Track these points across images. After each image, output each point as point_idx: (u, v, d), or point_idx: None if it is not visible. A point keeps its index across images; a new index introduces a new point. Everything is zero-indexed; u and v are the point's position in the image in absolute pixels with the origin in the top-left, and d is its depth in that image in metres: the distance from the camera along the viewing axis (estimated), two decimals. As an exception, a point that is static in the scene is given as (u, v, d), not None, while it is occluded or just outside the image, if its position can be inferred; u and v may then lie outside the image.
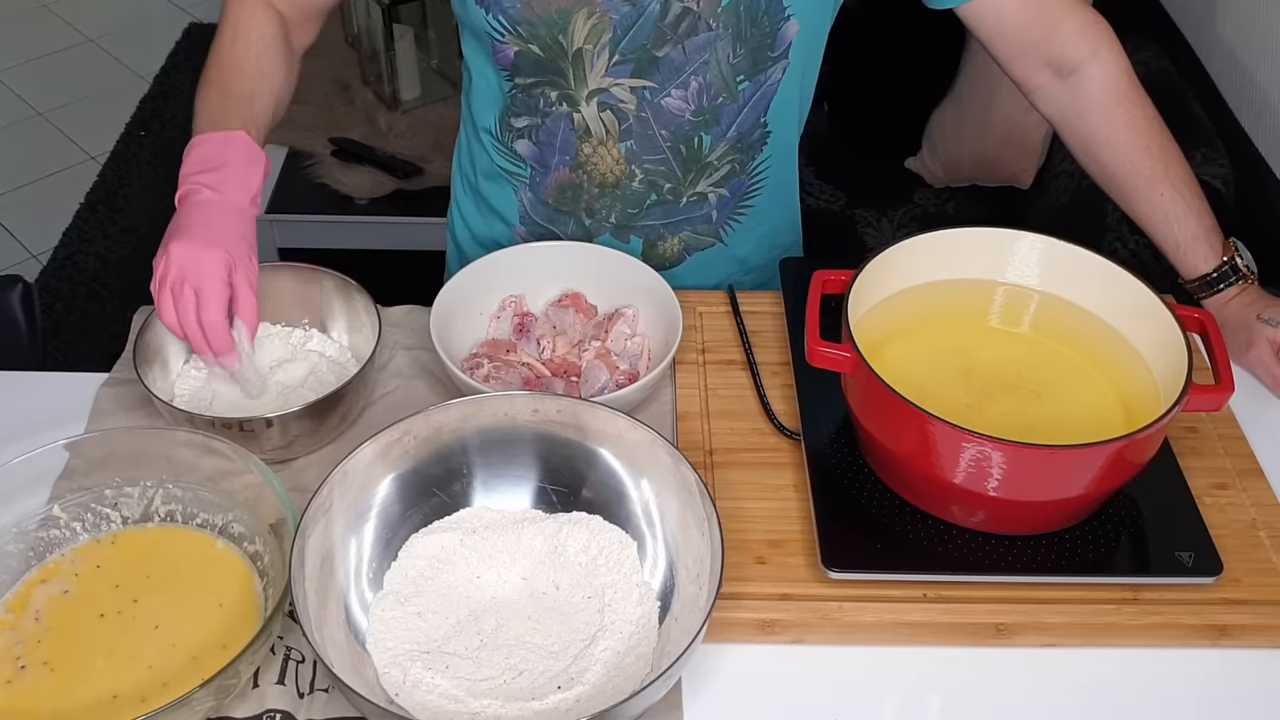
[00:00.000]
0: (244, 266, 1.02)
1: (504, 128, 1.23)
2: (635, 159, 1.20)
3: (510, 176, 1.27)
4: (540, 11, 1.10)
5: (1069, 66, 1.17)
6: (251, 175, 1.06)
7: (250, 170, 1.06)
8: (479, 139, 1.27)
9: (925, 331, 1.07)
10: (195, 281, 0.99)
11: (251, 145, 1.07)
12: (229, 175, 1.04)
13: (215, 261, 0.99)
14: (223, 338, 1.01)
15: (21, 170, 3.04)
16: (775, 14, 1.11)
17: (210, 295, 0.99)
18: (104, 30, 3.59)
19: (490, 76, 1.20)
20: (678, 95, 1.15)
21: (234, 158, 1.05)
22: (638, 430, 0.93)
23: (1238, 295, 1.16)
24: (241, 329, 1.02)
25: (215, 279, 0.99)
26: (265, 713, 0.87)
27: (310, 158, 2.42)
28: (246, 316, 1.02)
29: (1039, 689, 0.91)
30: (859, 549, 0.95)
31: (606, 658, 0.87)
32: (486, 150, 1.27)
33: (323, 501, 0.88)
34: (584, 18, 1.10)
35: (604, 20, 1.10)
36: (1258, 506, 1.02)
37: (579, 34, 1.11)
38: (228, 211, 1.03)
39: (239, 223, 1.03)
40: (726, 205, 1.26)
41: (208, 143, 1.06)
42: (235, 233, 1.02)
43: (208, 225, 1.02)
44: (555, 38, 1.11)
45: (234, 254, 1.01)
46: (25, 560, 0.94)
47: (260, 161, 1.07)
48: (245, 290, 1.02)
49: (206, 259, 0.99)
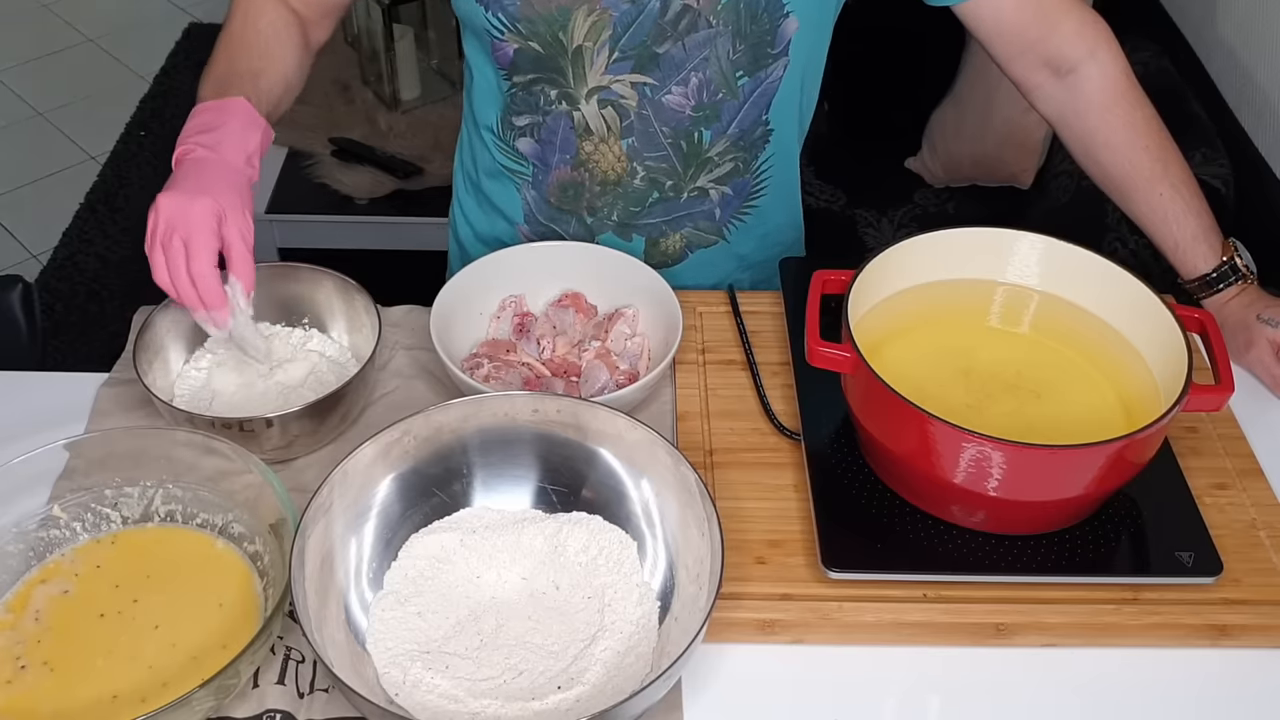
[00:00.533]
0: (236, 218, 0.98)
1: (506, 126, 1.23)
2: (637, 156, 1.20)
3: (513, 175, 1.27)
4: (540, 9, 1.10)
5: (1067, 66, 1.18)
6: (249, 136, 1.04)
7: (248, 132, 1.04)
8: (480, 137, 1.27)
9: (925, 331, 1.07)
10: (184, 232, 0.96)
11: (250, 111, 1.05)
12: (224, 135, 1.02)
13: (203, 209, 0.96)
14: (214, 291, 0.97)
15: (21, 170, 3.04)
16: (775, 11, 1.11)
17: (200, 246, 0.96)
18: (104, 30, 3.59)
19: (490, 75, 1.20)
20: (678, 92, 1.15)
21: (231, 121, 1.03)
22: (638, 430, 0.93)
23: (1237, 295, 1.16)
24: (236, 285, 0.99)
25: (204, 228, 0.96)
26: (265, 713, 0.87)
27: (310, 158, 2.42)
28: (240, 270, 0.99)
29: (1039, 689, 0.91)
30: (859, 549, 0.95)
31: (606, 658, 0.87)
32: (489, 149, 1.27)
33: (323, 501, 0.88)
34: (584, 15, 1.10)
35: (604, 18, 1.10)
36: (1258, 506, 1.02)
37: (579, 31, 1.11)
38: (220, 167, 1.01)
39: (232, 176, 1.01)
40: (730, 204, 1.26)
41: (207, 110, 1.05)
42: (227, 184, 0.99)
43: (198, 177, 0.99)
44: (555, 35, 1.11)
45: (224, 203, 0.98)
46: (25, 560, 0.94)
47: (259, 127, 1.05)
48: (238, 243, 0.98)
49: (194, 207, 0.96)
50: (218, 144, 1.01)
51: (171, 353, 1.10)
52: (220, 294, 0.98)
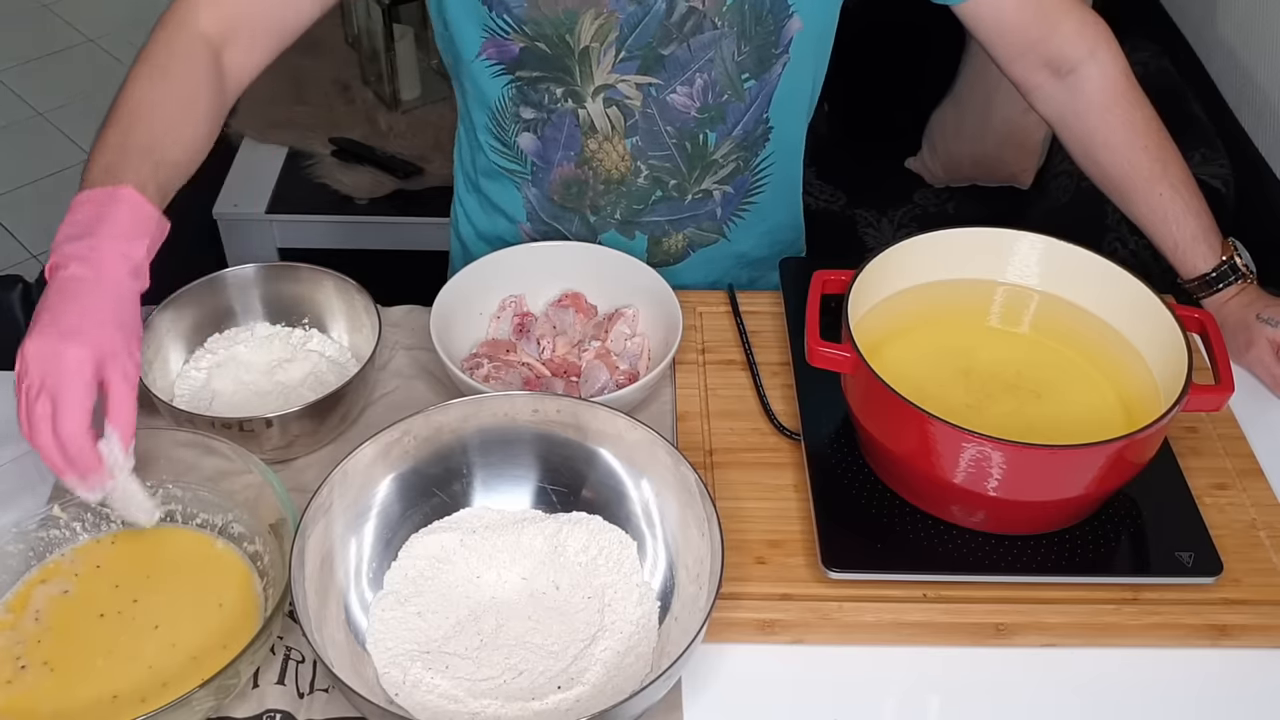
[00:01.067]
0: (118, 360, 0.85)
1: (506, 123, 1.22)
2: (640, 155, 1.20)
3: (511, 174, 1.27)
4: (547, 12, 1.09)
5: (1067, 66, 1.18)
6: (135, 243, 0.89)
7: (134, 237, 0.89)
8: (476, 139, 1.27)
9: (925, 331, 1.07)
10: (53, 386, 0.82)
11: (139, 204, 0.90)
12: (104, 243, 0.88)
13: (76, 360, 0.83)
14: (86, 454, 0.84)
15: (21, 170, 3.04)
16: (779, 11, 1.11)
17: (69, 404, 0.82)
18: (104, 30, 3.59)
19: (484, 75, 1.19)
20: (683, 92, 1.15)
21: (114, 221, 0.89)
22: (638, 430, 0.93)
23: (1237, 295, 1.16)
24: (113, 437, 0.85)
25: (76, 382, 0.82)
26: (265, 713, 0.87)
27: (310, 158, 2.42)
28: (119, 420, 0.85)
29: (1039, 689, 0.91)
30: (859, 549, 0.95)
31: (606, 658, 0.87)
32: (484, 150, 1.27)
33: (323, 501, 0.88)
34: (591, 18, 1.10)
35: (610, 20, 1.10)
36: (1258, 506, 1.02)
37: (586, 33, 1.11)
38: (98, 292, 0.86)
39: (112, 305, 0.86)
40: (730, 202, 1.27)
41: (87, 203, 0.90)
42: (106, 319, 0.85)
43: (71, 312, 0.85)
44: (562, 36, 1.11)
45: (102, 345, 0.84)
46: (25, 560, 0.94)
47: (149, 223, 0.91)
48: (121, 387, 0.85)
49: (65, 357, 0.83)
50: (96, 258, 0.87)
51: (171, 353, 1.10)
52: (93, 457, 0.84)
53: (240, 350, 1.12)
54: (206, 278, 1.12)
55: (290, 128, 2.45)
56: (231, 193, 2.32)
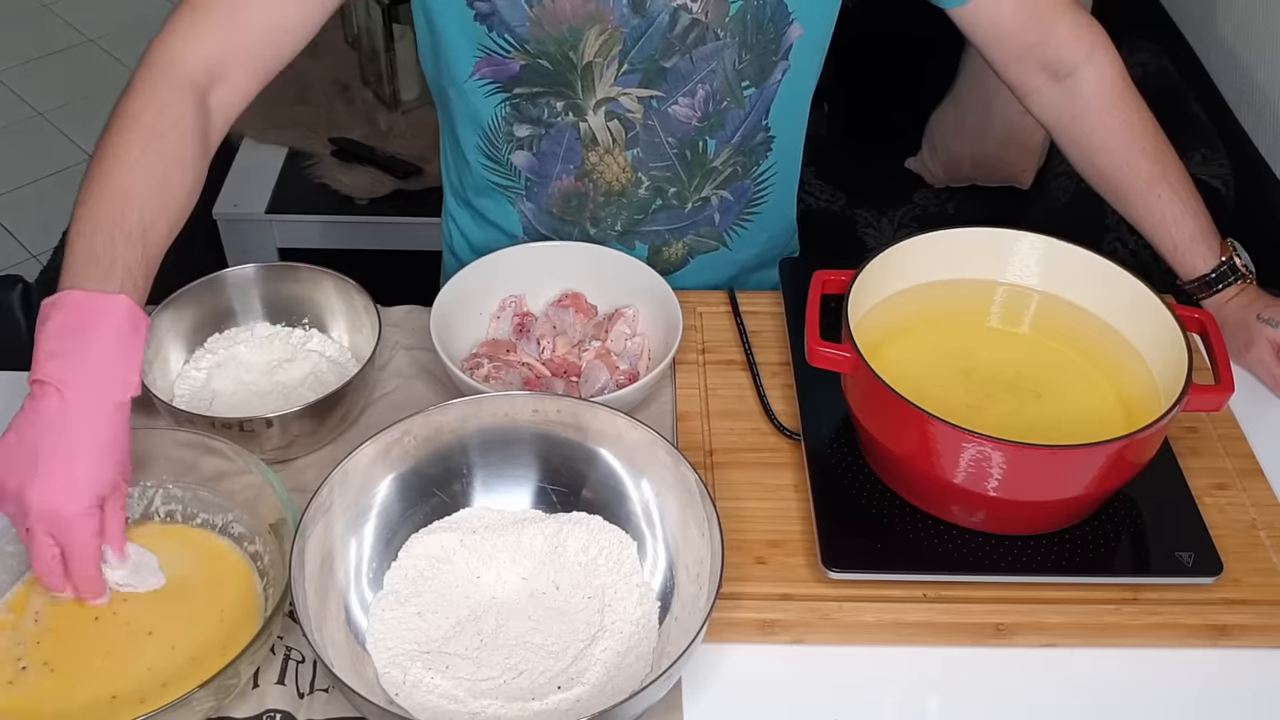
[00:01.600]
0: (115, 497, 0.85)
1: (499, 142, 1.20)
2: (641, 166, 1.19)
3: (505, 190, 1.25)
4: (551, 30, 1.08)
5: (1064, 69, 1.18)
6: (130, 358, 0.85)
7: (129, 350, 0.85)
8: (465, 157, 1.25)
9: (925, 331, 1.07)
10: (63, 539, 0.83)
11: (134, 313, 0.86)
12: (98, 364, 0.84)
13: (82, 516, 0.82)
14: (95, 587, 0.87)
15: (21, 170, 3.04)
16: (780, 19, 1.10)
17: (81, 556, 0.84)
18: (104, 30, 3.59)
19: (475, 94, 1.16)
20: (684, 103, 1.14)
21: (108, 334, 0.84)
22: (638, 430, 0.93)
23: (1236, 295, 1.16)
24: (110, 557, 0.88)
25: (86, 537, 0.83)
26: (265, 713, 0.87)
27: (310, 158, 2.42)
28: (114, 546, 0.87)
29: (1039, 689, 0.91)
30: (859, 549, 0.95)
31: (606, 658, 0.87)
32: (475, 168, 1.25)
33: (323, 501, 0.88)
34: (595, 34, 1.08)
35: (614, 35, 1.09)
36: (1258, 506, 1.02)
37: (590, 49, 1.10)
38: (95, 421, 0.83)
39: (107, 435, 0.84)
40: (730, 210, 1.26)
41: (75, 310, 0.85)
42: (105, 457, 0.83)
43: (71, 454, 0.82)
44: (565, 53, 1.10)
45: (103, 487, 0.83)
46: (25, 560, 0.93)
47: (142, 330, 0.88)
48: (114, 519, 0.86)
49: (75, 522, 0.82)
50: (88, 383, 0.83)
51: (171, 353, 1.10)
52: (102, 586, 0.88)
53: (240, 350, 1.12)
54: (206, 278, 1.12)
55: (290, 128, 2.45)
56: (231, 193, 2.32)
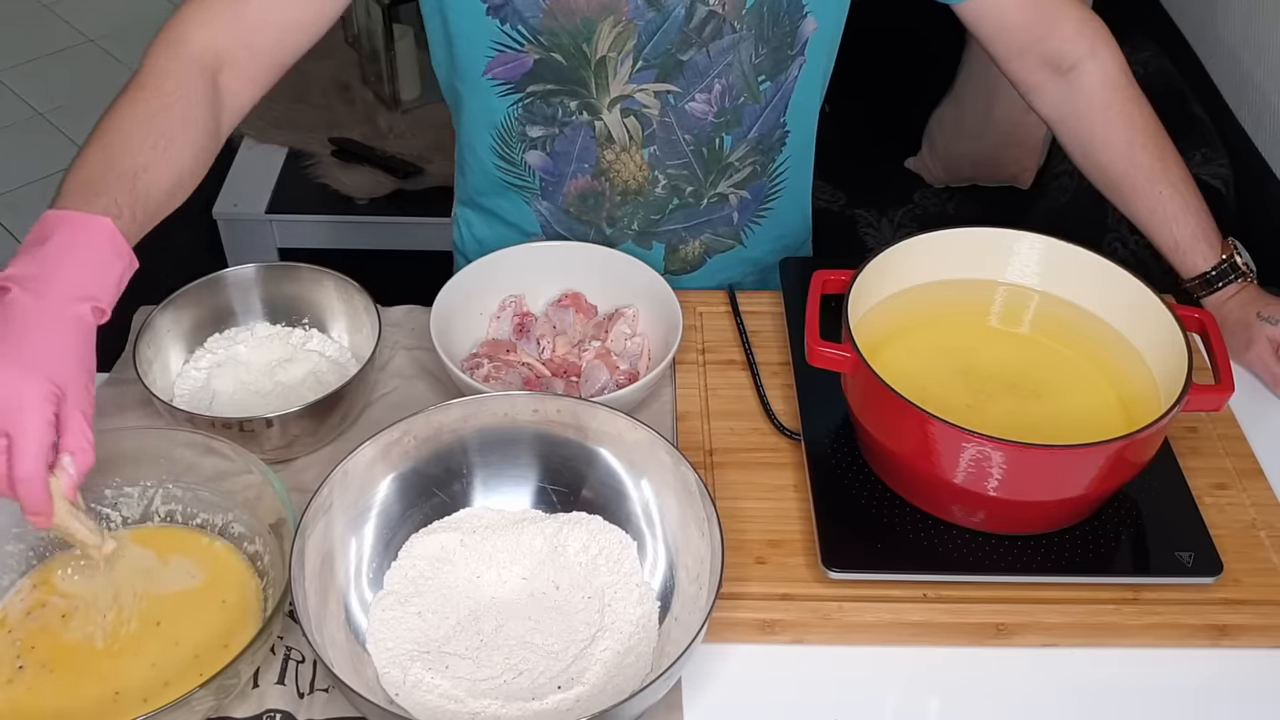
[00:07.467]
0: (76, 395, 0.79)
1: (512, 142, 1.20)
2: (658, 164, 1.19)
3: (520, 189, 1.25)
4: (564, 21, 1.08)
5: (1066, 65, 1.18)
6: (101, 278, 0.83)
7: (101, 271, 0.84)
8: (478, 158, 1.24)
9: (925, 331, 1.07)
10: (11, 422, 0.76)
11: (113, 239, 0.85)
12: (71, 276, 0.82)
13: (39, 396, 0.77)
14: (37, 497, 0.78)
15: (21, 170, 3.04)
16: (795, 12, 1.10)
17: (26, 445, 0.76)
18: (104, 30, 3.59)
19: (487, 93, 1.16)
20: (701, 99, 1.14)
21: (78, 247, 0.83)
22: (638, 430, 0.93)
23: (1237, 294, 1.16)
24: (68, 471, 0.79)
25: (37, 420, 0.77)
26: (265, 713, 0.87)
27: (310, 158, 2.42)
28: (77, 453, 0.79)
29: (1039, 689, 0.91)
30: (859, 549, 0.95)
31: (606, 658, 0.87)
32: (489, 167, 1.24)
33: (323, 501, 0.88)
34: (609, 26, 1.08)
35: (629, 28, 1.08)
36: (1258, 506, 1.02)
37: (604, 42, 1.09)
38: (61, 327, 0.80)
39: (75, 341, 0.81)
40: (748, 208, 1.26)
41: (59, 225, 0.84)
42: (69, 354, 0.80)
43: (33, 344, 0.79)
44: (579, 46, 1.10)
45: (63, 380, 0.78)
46: (25, 560, 0.94)
47: (123, 258, 0.86)
48: (77, 421, 0.79)
49: (27, 393, 0.76)
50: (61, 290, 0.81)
51: (171, 353, 1.10)
52: (43, 498, 0.78)
53: (240, 350, 1.12)
54: (206, 278, 1.12)
55: (290, 128, 2.45)
56: (231, 193, 2.33)
